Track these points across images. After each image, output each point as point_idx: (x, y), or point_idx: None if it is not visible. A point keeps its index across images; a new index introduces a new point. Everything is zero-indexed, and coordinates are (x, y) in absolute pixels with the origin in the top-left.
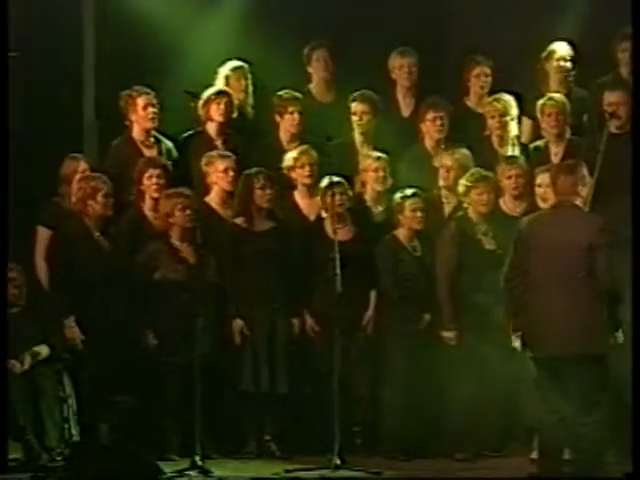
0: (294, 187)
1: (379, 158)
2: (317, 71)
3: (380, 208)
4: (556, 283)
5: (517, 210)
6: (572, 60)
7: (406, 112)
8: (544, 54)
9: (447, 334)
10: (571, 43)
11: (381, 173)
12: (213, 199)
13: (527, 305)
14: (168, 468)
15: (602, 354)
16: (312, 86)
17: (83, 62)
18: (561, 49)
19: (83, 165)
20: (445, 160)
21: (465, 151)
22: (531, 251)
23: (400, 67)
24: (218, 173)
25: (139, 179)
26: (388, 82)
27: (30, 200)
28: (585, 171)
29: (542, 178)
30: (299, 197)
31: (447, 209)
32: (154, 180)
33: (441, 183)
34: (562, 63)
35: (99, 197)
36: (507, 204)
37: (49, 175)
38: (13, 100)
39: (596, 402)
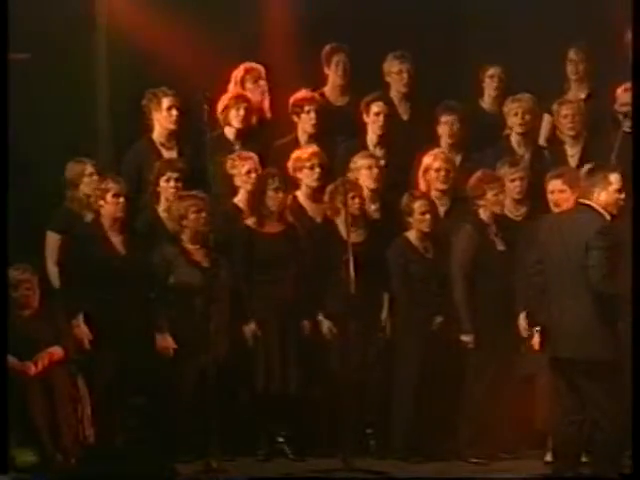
0: (297, 187)
1: (372, 156)
2: (334, 74)
3: (373, 207)
4: (564, 286)
5: (518, 213)
6: (590, 60)
7: (405, 116)
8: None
9: (466, 337)
10: (586, 44)
11: (375, 170)
12: (241, 200)
13: (542, 305)
14: (182, 470)
15: (612, 359)
16: (327, 88)
17: (96, 65)
18: (576, 52)
19: (90, 168)
20: (440, 162)
21: (450, 153)
22: (545, 252)
23: (399, 72)
24: (242, 176)
25: (156, 180)
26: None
27: (42, 203)
28: (612, 176)
29: (554, 185)
30: (303, 198)
31: (441, 210)
32: (172, 183)
33: (439, 186)
34: (580, 65)
35: (108, 197)
36: (508, 207)
37: (61, 179)
38: (26, 104)
39: (610, 406)
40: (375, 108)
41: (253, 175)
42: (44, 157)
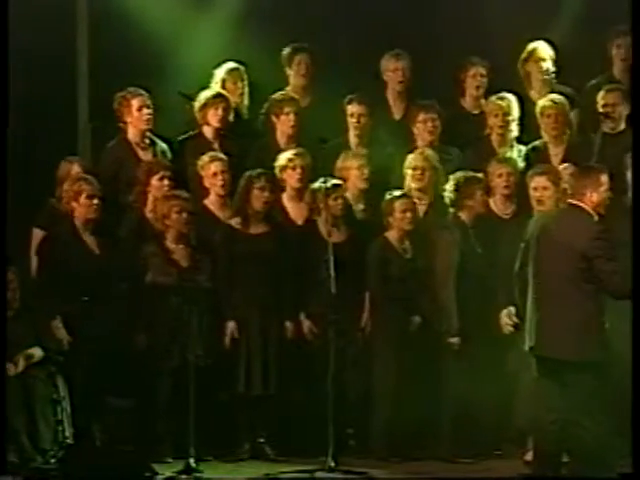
0: (283, 189)
1: (362, 155)
2: (296, 75)
3: (361, 206)
4: (553, 286)
5: (507, 211)
6: (555, 59)
7: (398, 115)
8: (524, 55)
9: (453, 340)
10: (551, 43)
11: (365, 170)
12: (211, 202)
13: (529, 303)
14: (162, 470)
15: (598, 360)
16: (289, 89)
17: (77, 64)
18: (543, 48)
19: (76, 168)
20: (417, 162)
21: (431, 151)
22: (534, 250)
23: (394, 70)
24: (209, 178)
25: (146, 180)
26: (378, 84)
27: (24, 202)
28: (602, 176)
29: (538, 181)
30: (286, 200)
31: (421, 210)
32: (165, 182)
33: (414, 185)
34: (542, 63)
35: (82, 199)
36: (497, 205)
37: (43, 177)
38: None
39: (594, 407)
40: (350, 109)
41: (219, 177)
42: (29, 156)
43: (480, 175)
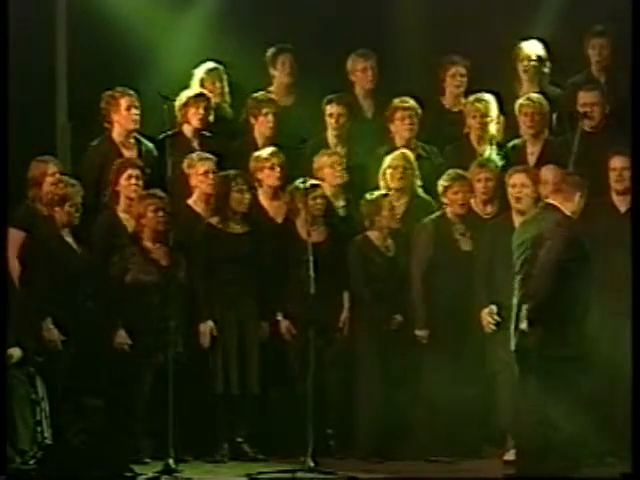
0: (257, 188)
1: (335, 153)
2: (281, 75)
3: (342, 202)
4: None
5: (487, 212)
6: (542, 59)
7: (369, 113)
8: (514, 53)
9: (420, 332)
10: (543, 41)
11: (338, 167)
12: (195, 202)
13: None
14: (141, 470)
15: (574, 356)
16: (272, 89)
17: (56, 63)
18: (530, 48)
19: (53, 168)
20: (397, 161)
21: (409, 152)
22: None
23: (363, 70)
24: (199, 176)
25: (115, 179)
26: (347, 84)
27: (3, 202)
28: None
29: (517, 178)
30: (263, 199)
31: (401, 209)
32: (133, 181)
33: (394, 184)
34: (531, 62)
35: (67, 207)
36: (478, 205)
37: (22, 177)
38: None
39: (570, 405)
40: (329, 109)
41: (210, 176)
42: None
43: (465, 173)
